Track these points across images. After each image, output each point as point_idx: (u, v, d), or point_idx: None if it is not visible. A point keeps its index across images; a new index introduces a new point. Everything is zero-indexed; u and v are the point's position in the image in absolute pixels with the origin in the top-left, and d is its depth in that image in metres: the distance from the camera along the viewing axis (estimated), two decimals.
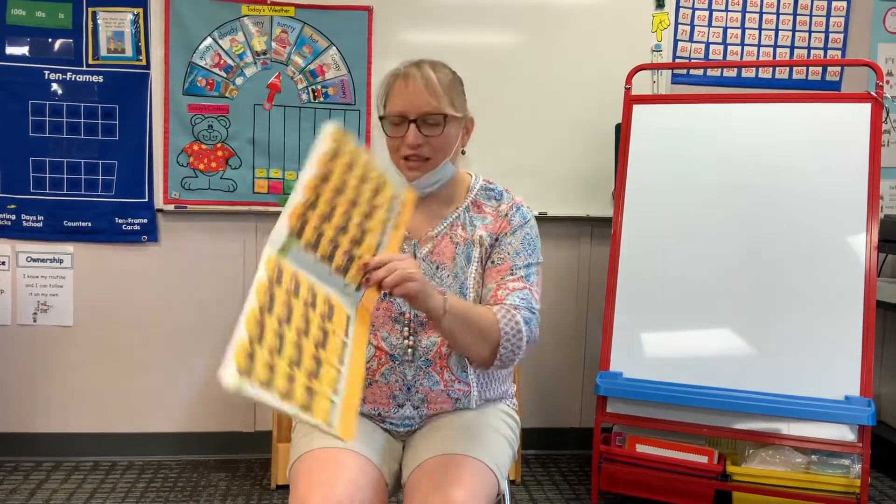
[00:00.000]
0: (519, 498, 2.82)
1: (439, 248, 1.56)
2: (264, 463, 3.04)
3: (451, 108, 1.52)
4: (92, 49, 2.93)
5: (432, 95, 1.50)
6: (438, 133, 1.51)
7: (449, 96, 1.52)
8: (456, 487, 1.34)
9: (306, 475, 1.40)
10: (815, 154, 2.59)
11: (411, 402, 1.54)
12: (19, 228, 2.97)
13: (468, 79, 1.62)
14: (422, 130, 1.50)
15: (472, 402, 1.57)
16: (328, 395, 1.14)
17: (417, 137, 1.50)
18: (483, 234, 1.56)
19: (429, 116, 1.50)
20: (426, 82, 1.50)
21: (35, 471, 2.94)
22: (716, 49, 3.25)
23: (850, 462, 2.44)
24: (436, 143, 1.52)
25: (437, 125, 1.51)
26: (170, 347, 3.09)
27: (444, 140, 1.52)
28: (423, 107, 1.49)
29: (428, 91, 1.50)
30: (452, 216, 1.59)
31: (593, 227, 3.26)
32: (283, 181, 3.05)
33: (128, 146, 2.97)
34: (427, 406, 1.55)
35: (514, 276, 1.53)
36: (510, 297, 1.49)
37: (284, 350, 1.14)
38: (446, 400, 1.55)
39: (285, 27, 2.98)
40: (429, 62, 1.55)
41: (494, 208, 1.60)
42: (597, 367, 2.73)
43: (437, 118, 1.50)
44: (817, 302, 2.50)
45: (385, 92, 1.55)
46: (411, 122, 1.50)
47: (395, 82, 1.53)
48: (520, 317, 1.46)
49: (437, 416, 1.57)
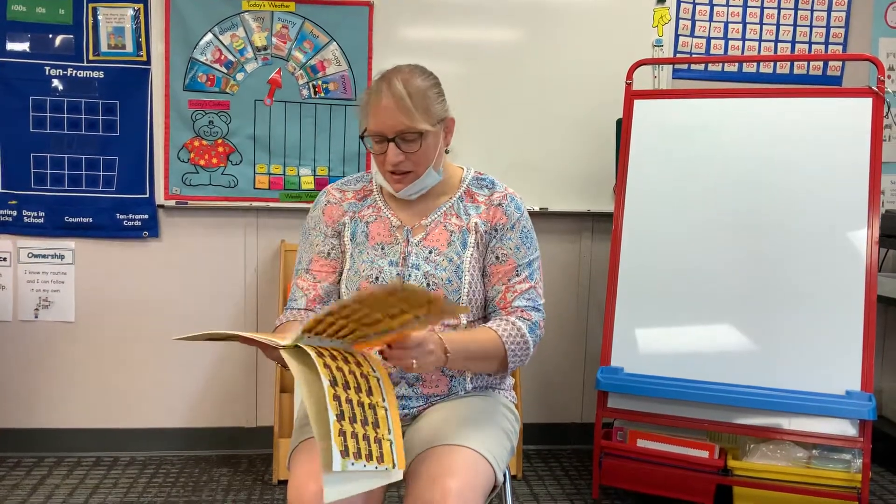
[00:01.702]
0: (520, 493, 2.83)
1: (433, 234, 1.62)
2: (266, 458, 3.04)
3: (425, 121, 1.54)
4: (92, 45, 2.92)
5: (404, 114, 1.52)
6: (416, 149, 1.55)
7: (422, 109, 1.54)
8: (451, 477, 1.36)
9: (304, 463, 1.42)
10: (816, 149, 2.58)
11: (406, 379, 1.57)
12: (20, 224, 2.97)
13: (468, 74, 1.64)
14: (400, 147, 1.54)
15: (466, 381, 1.60)
16: (388, 437, 1.27)
17: (397, 155, 1.55)
18: (478, 222, 1.63)
19: (405, 134, 1.54)
20: (397, 101, 1.52)
21: (37, 467, 2.95)
22: (717, 44, 3.25)
23: (851, 457, 2.44)
24: (415, 157, 1.57)
25: (413, 141, 1.55)
26: (171, 343, 3.08)
27: (423, 153, 1.57)
28: (398, 126, 1.53)
29: (400, 110, 1.52)
30: (445, 206, 1.65)
31: (594, 223, 3.26)
32: (283, 177, 3.05)
33: (129, 142, 2.97)
34: (422, 385, 1.57)
35: (520, 277, 1.61)
36: (518, 300, 1.60)
37: (358, 415, 1.25)
38: (441, 378, 1.58)
39: (286, 22, 2.98)
40: (401, 72, 1.56)
41: (487, 197, 1.66)
42: (598, 362, 2.73)
43: (412, 136, 1.54)
44: (818, 297, 2.50)
45: (363, 109, 1.59)
46: (390, 141, 1.54)
47: (369, 100, 1.56)
48: (525, 328, 1.57)
49: (435, 405, 1.58)
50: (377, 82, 1.56)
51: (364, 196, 1.69)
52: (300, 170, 3.05)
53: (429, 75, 1.60)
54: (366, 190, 1.71)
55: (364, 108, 1.58)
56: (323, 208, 1.69)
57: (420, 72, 1.59)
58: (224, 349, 3.10)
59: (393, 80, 1.54)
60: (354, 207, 1.68)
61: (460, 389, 1.60)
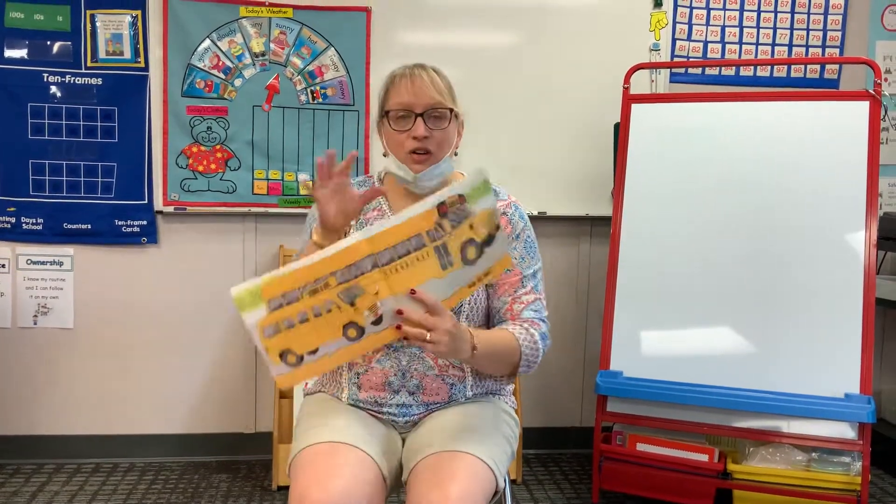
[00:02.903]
0: (520, 497, 2.82)
1: None
2: (265, 464, 3.04)
3: (453, 104, 1.61)
4: (91, 51, 2.93)
5: (438, 91, 1.58)
6: (444, 126, 1.59)
7: (451, 94, 1.61)
8: (452, 483, 1.36)
9: (306, 470, 1.41)
10: (813, 152, 2.59)
11: (406, 387, 1.57)
12: (19, 231, 2.97)
13: (466, 79, 1.66)
14: (427, 123, 1.57)
15: (467, 388, 1.60)
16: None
17: (424, 129, 1.56)
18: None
19: (435, 110, 1.57)
20: (431, 80, 1.59)
21: (36, 473, 2.94)
22: (714, 48, 3.26)
23: (850, 459, 2.44)
24: (440, 136, 1.58)
25: (442, 118, 1.58)
26: (170, 349, 3.09)
27: (447, 134, 1.60)
28: (430, 101, 1.57)
29: (434, 87, 1.58)
30: None
31: (593, 227, 3.26)
32: (282, 182, 3.05)
33: (127, 148, 2.97)
34: (423, 393, 1.57)
35: (526, 288, 1.61)
36: (525, 312, 1.59)
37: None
38: (441, 386, 1.58)
39: (284, 28, 2.99)
40: (429, 66, 1.63)
41: None
42: (597, 366, 2.73)
43: (443, 111, 1.58)
44: (816, 299, 2.50)
45: (387, 89, 1.61)
46: (418, 116, 1.56)
47: (399, 81, 1.60)
48: (538, 335, 1.57)
49: (436, 412, 1.58)
50: (408, 68, 1.61)
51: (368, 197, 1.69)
52: (298, 175, 3.05)
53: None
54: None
55: (391, 87, 1.60)
56: None
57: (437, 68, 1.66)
58: (222, 354, 3.10)
59: (426, 66, 1.62)
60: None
61: (461, 397, 1.60)
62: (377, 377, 1.56)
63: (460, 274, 1.33)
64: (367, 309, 1.31)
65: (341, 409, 1.58)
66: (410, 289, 1.30)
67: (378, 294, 1.30)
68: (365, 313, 1.31)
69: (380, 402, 1.58)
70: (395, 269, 1.29)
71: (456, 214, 1.29)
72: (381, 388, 1.57)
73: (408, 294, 1.30)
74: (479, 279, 1.35)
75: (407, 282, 1.30)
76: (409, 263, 1.29)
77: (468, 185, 1.29)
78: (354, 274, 1.28)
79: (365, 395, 1.58)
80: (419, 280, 1.31)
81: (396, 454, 1.55)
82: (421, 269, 1.30)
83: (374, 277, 1.29)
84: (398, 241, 1.28)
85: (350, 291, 1.29)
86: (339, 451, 1.43)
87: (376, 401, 1.58)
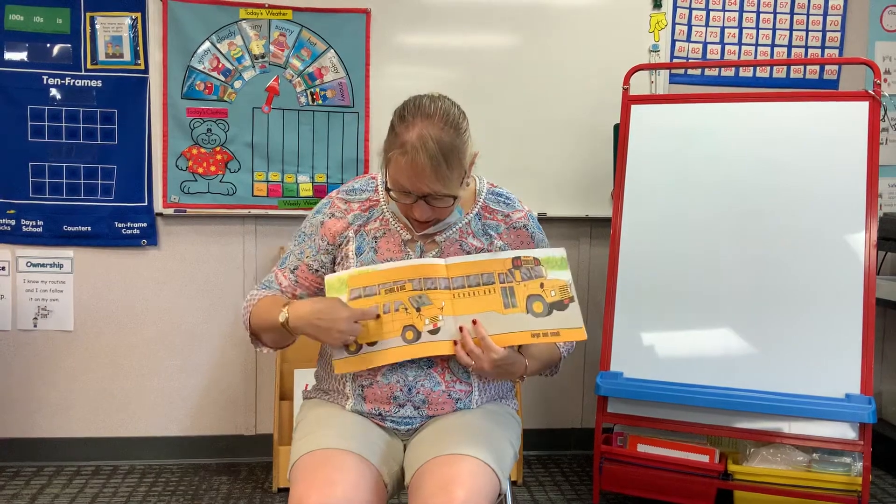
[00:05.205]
0: (521, 498, 2.82)
1: (448, 253, 1.58)
2: (266, 466, 3.04)
3: (458, 185, 1.47)
4: (90, 54, 2.93)
5: (441, 181, 1.43)
6: (447, 205, 1.50)
7: (458, 173, 1.45)
8: (457, 487, 1.35)
9: (306, 476, 1.41)
10: (813, 153, 2.59)
11: (412, 402, 1.55)
12: (19, 233, 2.97)
13: (466, 80, 1.63)
14: (430, 204, 1.48)
15: (472, 402, 1.59)
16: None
17: (426, 211, 1.49)
18: (501, 245, 1.61)
19: (437, 195, 1.46)
20: (433, 166, 1.40)
21: (36, 476, 2.94)
22: (713, 49, 3.26)
23: (851, 460, 2.44)
24: (445, 211, 1.53)
25: (444, 199, 1.48)
26: (170, 351, 3.09)
27: (453, 206, 1.53)
28: (430, 190, 1.45)
29: (436, 175, 1.42)
30: (462, 223, 1.61)
31: (592, 228, 3.26)
32: (282, 184, 3.05)
33: (127, 150, 2.97)
34: (428, 407, 1.56)
35: None
36: None
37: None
38: (447, 401, 1.56)
39: (283, 30, 2.99)
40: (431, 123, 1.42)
41: (505, 215, 1.64)
42: (597, 367, 2.73)
43: (446, 200, 1.48)
44: (817, 300, 2.50)
45: (387, 159, 1.47)
46: (419, 198, 1.47)
47: (399, 157, 1.43)
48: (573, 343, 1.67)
49: (438, 417, 1.58)
50: (407, 136, 1.42)
51: (370, 207, 1.61)
52: (298, 177, 3.05)
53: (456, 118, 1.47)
54: (371, 200, 1.62)
55: (390, 161, 1.45)
56: (324, 221, 1.62)
57: (447, 119, 1.45)
58: (222, 356, 3.10)
59: (426, 138, 1.40)
60: (360, 220, 1.60)
61: (465, 409, 1.59)
62: (382, 391, 1.55)
63: (521, 319, 1.46)
64: (429, 318, 1.47)
65: (342, 414, 1.58)
66: (473, 319, 1.46)
67: (443, 309, 1.47)
68: (426, 321, 1.47)
69: (383, 415, 1.57)
70: (463, 294, 1.48)
71: (528, 271, 1.48)
72: (386, 402, 1.56)
73: (469, 320, 1.46)
74: (544, 334, 1.47)
75: (470, 307, 1.47)
76: (476, 293, 1.48)
77: (547, 253, 1.49)
78: (428, 286, 1.47)
79: (369, 408, 1.57)
80: (481, 308, 1.47)
81: (397, 459, 1.55)
82: (485, 300, 1.47)
83: (443, 295, 1.47)
84: (471, 273, 1.48)
85: (421, 299, 1.47)
86: (339, 457, 1.43)
87: (380, 413, 1.57)
